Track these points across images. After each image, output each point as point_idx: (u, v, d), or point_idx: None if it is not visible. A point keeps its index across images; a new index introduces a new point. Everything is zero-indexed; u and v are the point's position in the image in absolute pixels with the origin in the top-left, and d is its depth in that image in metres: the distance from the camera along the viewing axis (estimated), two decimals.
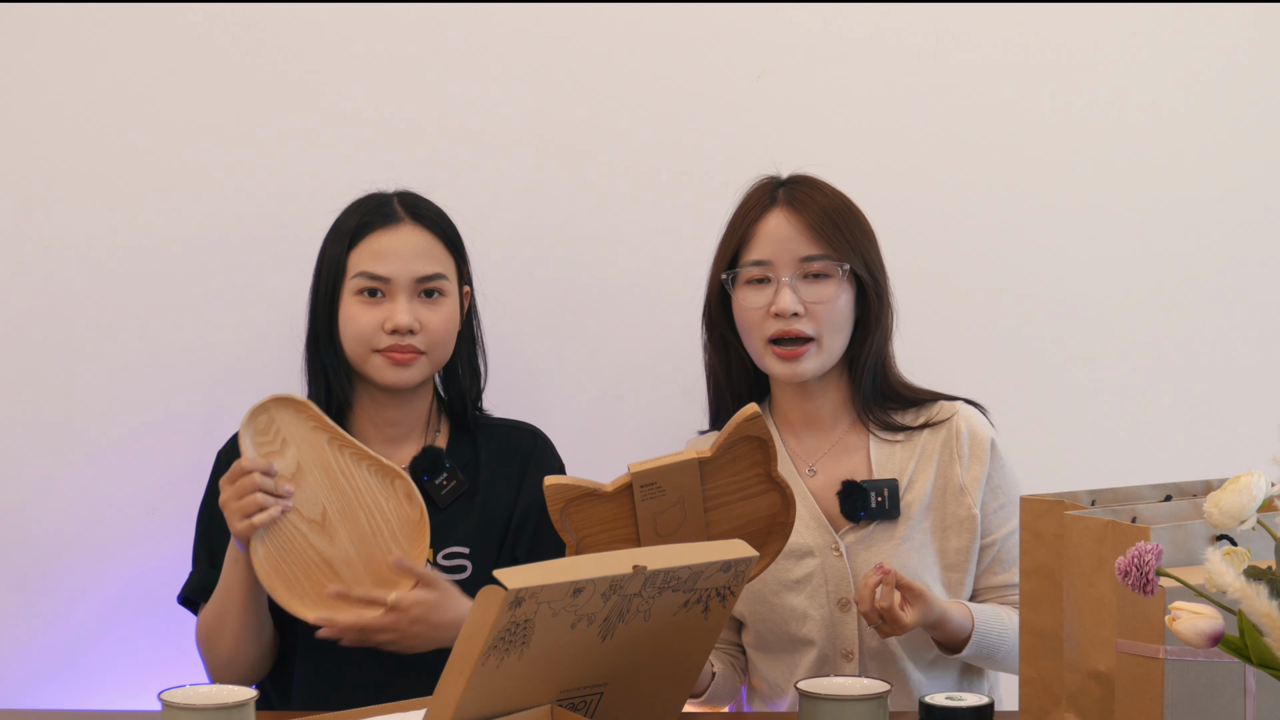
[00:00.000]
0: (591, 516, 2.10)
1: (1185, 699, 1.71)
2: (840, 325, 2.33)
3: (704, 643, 1.88)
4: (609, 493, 2.08)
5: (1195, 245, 2.84)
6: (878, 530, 2.34)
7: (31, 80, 2.78)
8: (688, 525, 2.13)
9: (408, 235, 2.36)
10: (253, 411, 2.19)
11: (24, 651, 2.80)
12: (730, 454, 2.11)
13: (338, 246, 2.37)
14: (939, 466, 2.36)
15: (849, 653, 2.33)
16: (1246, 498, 1.60)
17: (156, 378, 2.79)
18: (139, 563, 2.75)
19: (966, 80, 2.82)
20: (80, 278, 2.79)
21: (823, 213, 2.32)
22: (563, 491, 2.08)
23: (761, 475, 2.14)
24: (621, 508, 2.10)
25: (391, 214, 2.37)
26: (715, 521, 2.15)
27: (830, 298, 2.31)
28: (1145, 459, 2.78)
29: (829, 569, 2.33)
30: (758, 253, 2.33)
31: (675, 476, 2.10)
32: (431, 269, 2.35)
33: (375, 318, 2.33)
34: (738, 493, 2.14)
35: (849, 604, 2.32)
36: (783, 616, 2.34)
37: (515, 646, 1.69)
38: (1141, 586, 1.54)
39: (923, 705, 1.81)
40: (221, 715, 1.77)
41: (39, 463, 2.79)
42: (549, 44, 2.81)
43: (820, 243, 2.31)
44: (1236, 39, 2.81)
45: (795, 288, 2.30)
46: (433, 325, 2.34)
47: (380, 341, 2.33)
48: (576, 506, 2.10)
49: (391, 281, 2.33)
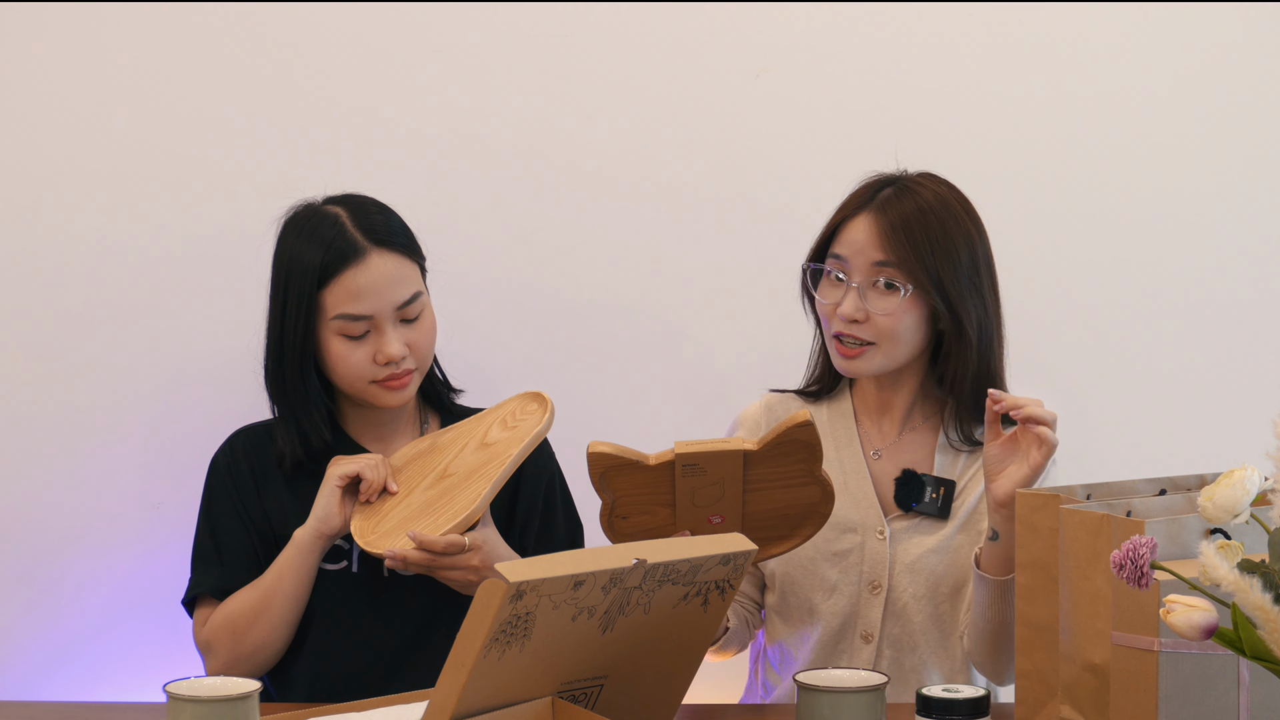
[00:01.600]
0: (631, 481, 2.13)
1: (1180, 691, 1.71)
2: (901, 338, 2.30)
3: (703, 635, 1.88)
4: (651, 466, 2.11)
5: (1188, 241, 2.85)
6: (924, 524, 2.35)
7: (35, 79, 2.79)
8: (725, 502, 2.15)
9: (378, 266, 2.29)
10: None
11: (30, 644, 2.81)
12: (777, 450, 2.12)
13: (304, 284, 2.30)
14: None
15: (869, 635, 2.34)
16: (1240, 492, 1.61)
17: (162, 373, 2.80)
18: (144, 557, 2.76)
19: (964, 78, 2.83)
20: (86, 273, 2.80)
21: (905, 222, 2.29)
22: (605, 460, 2.11)
23: (805, 471, 2.15)
24: (662, 479, 2.13)
25: (354, 247, 2.29)
26: (752, 502, 2.17)
27: (891, 311, 2.28)
28: (1140, 454, 2.79)
29: (868, 549, 2.34)
30: (839, 249, 2.33)
31: (718, 462, 2.12)
32: (408, 292, 2.31)
33: (365, 354, 2.30)
34: (779, 482, 2.15)
35: (880, 588, 2.33)
36: (813, 584, 2.36)
37: (516, 639, 1.69)
38: (1136, 580, 1.55)
39: (920, 696, 1.82)
40: (226, 707, 1.77)
41: (45, 457, 2.80)
42: (548, 43, 2.82)
43: (892, 252, 2.28)
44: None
45: (864, 294, 2.29)
46: (421, 343, 2.33)
47: (376, 374, 2.31)
48: (618, 472, 2.12)
49: (374, 317, 2.29)
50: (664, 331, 2.84)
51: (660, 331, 2.84)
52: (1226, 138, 2.84)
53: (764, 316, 2.67)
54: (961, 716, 1.80)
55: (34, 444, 2.80)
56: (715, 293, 2.83)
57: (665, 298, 2.83)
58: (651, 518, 2.18)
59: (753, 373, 2.64)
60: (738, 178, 2.82)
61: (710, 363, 2.83)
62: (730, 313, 2.82)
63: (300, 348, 2.32)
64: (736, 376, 2.74)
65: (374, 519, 2.29)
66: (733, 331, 2.81)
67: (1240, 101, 2.84)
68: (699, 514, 2.17)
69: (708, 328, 2.84)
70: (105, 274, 2.79)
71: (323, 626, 2.34)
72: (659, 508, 2.16)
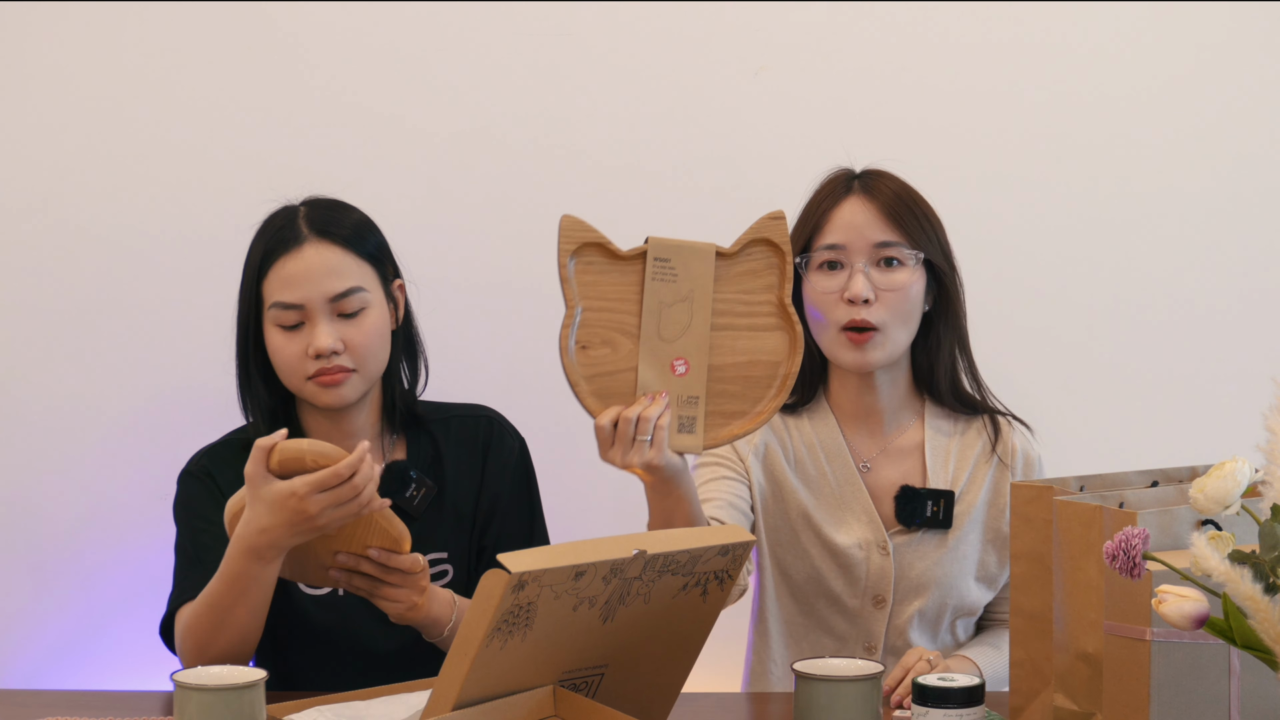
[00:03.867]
0: (598, 287, 2.07)
1: (1171, 679, 1.73)
2: (908, 315, 2.31)
3: (702, 625, 1.89)
4: (623, 256, 2.07)
5: (1182, 237, 2.86)
6: (927, 536, 2.36)
7: (35, 78, 2.81)
8: (692, 334, 2.08)
9: (313, 255, 2.24)
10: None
11: (40, 633, 2.83)
12: (747, 257, 2.09)
13: (250, 275, 2.27)
14: (993, 481, 2.38)
15: (872, 647, 2.35)
16: (1231, 483, 1.61)
17: (172, 362, 2.81)
18: (153, 547, 2.77)
19: (962, 76, 2.84)
20: (97, 264, 2.82)
21: (897, 199, 2.31)
22: (578, 232, 2.06)
23: (773, 304, 2.11)
24: (630, 287, 2.07)
25: (294, 235, 2.25)
26: (719, 346, 2.11)
27: (902, 285, 2.29)
28: (1133, 446, 2.80)
29: (872, 564, 2.34)
30: (831, 237, 2.31)
31: (690, 260, 2.07)
32: (343, 285, 2.24)
33: (298, 346, 2.24)
34: (746, 317, 2.11)
35: (884, 602, 2.34)
36: (817, 594, 2.36)
37: (518, 629, 1.71)
38: (1129, 570, 1.56)
39: (916, 685, 1.83)
40: (233, 695, 1.78)
41: (55, 447, 2.82)
42: (548, 41, 2.83)
43: (895, 229, 2.30)
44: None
45: (868, 274, 2.29)
46: (357, 341, 2.24)
47: (308, 368, 2.23)
48: (586, 263, 2.06)
49: (305, 306, 2.23)
50: None
51: None
52: (1216, 135, 2.85)
53: None
54: (956, 704, 1.80)
55: (44, 434, 2.82)
56: None
57: None
58: (613, 351, 2.09)
59: None
60: (737, 176, 2.83)
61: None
62: None
63: (253, 345, 2.29)
64: None
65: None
66: None
67: (1229, 97, 2.85)
68: (664, 350, 2.09)
69: None
70: (118, 264, 2.82)
71: (316, 644, 2.32)
72: (622, 336, 2.08)
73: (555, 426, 2.65)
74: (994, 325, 2.81)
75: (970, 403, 2.40)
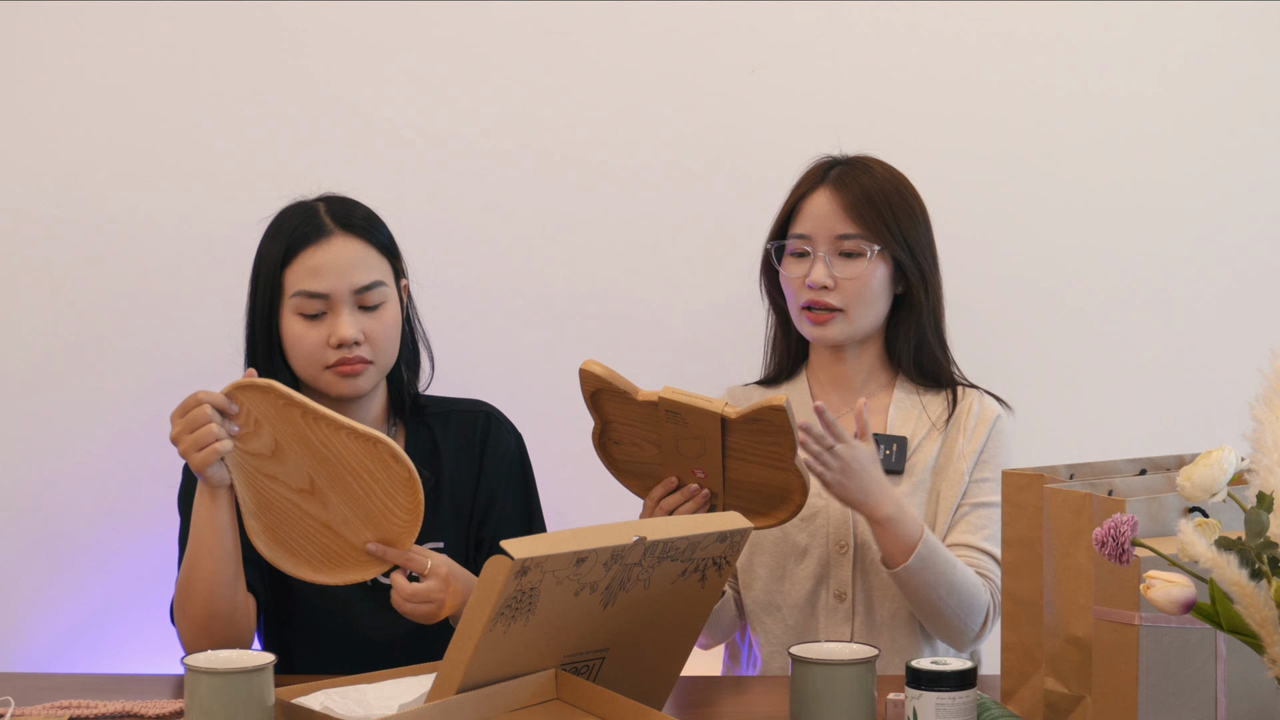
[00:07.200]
0: (621, 410, 2.19)
1: (1159, 663, 1.74)
2: (870, 300, 2.43)
3: (701, 610, 1.92)
4: (638, 401, 2.16)
5: (1169, 228, 2.85)
6: None
7: (34, 80, 2.83)
8: (707, 458, 2.19)
9: (340, 247, 2.29)
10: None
11: (54, 617, 2.85)
12: (753, 426, 2.15)
13: (271, 265, 2.30)
14: (946, 438, 2.45)
15: (842, 593, 2.42)
16: (1217, 471, 1.63)
17: (185, 351, 2.81)
18: (165, 535, 2.77)
19: (957, 75, 2.84)
20: (112, 257, 2.82)
21: (864, 195, 2.43)
22: (596, 380, 2.16)
23: (781, 456, 2.17)
24: (650, 416, 2.18)
25: (321, 227, 2.30)
26: (733, 469, 2.20)
27: (858, 275, 2.41)
28: (1121, 435, 2.81)
29: (832, 511, 2.43)
30: (800, 227, 2.45)
31: (699, 418, 2.15)
32: (368, 278, 2.30)
33: (320, 335, 2.28)
34: (757, 458, 2.19)
35: (846, 547, 2.42)
36: (784, 550, 2.44)
37: (521, 614, 1.73)
38: (1118, 556, 1.58)
39: (909, 669, 1.85)
40: (242, 679, 1.80)
41: (70, 436, 2.83)
42: (546, 40, 2.82)
43: (855, 223, 2.42)
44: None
45: (830, 263, 2.42)
46: (377, 334, 2.29)
47: (328, 357, 2.28)
48: (608, 397, 2.18)
49: (330, 296, 2.28)
50: (661, 327, 2.86)
51: (658, 327, 2.86)
52: (1205, 127, 2.85)
53: (759, 311, 2.69)
54: (949, 688, 1.82)
55: (59, 423, 2.83)
56: (713, 289, 2.86)
57: (663, 293, 2.85)
58: (640, 451, 2.24)
59: (750, 368, 2.65)
60: (734, 174, 2.84)
61: (708, 357, 2.85)
62: (730, 311, 2.83)
63: (266, 333, 2.31)
64: (736, 372, 2.74)
65: (275, 531, 2.19)
66: (731, 328, 2.83)
67: (1221, 94, 2.86)
68: (683, 462, 2.21)
69: (705, 324, 2.87)
70: (131, 256, 2.82)
71: (320, 629, 2.34)
72: (647, 444, 2.22)
73: (553, 423, 2.68)
74: (985, 315, 2.84)
75: (937, 377, 2.50)
